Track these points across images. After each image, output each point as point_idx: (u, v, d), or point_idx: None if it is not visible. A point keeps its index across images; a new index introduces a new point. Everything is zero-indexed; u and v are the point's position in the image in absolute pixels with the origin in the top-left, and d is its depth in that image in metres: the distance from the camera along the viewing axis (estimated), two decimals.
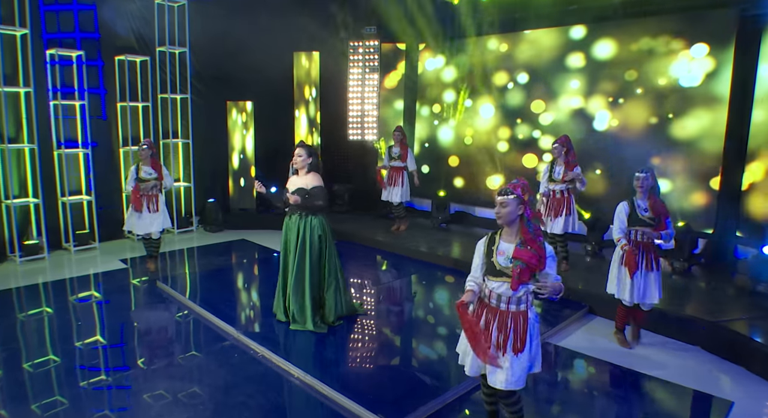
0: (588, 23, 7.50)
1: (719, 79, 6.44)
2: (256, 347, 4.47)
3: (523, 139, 8.40)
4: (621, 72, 7.23)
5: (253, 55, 8.93)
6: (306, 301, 4.70)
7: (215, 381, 3.96)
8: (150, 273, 6.50)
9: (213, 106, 8.87)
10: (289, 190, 4.78)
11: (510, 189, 2.97)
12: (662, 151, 6.96)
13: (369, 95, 9.83)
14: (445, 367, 4.26)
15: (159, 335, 4.89)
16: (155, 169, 6.28)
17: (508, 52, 8.41)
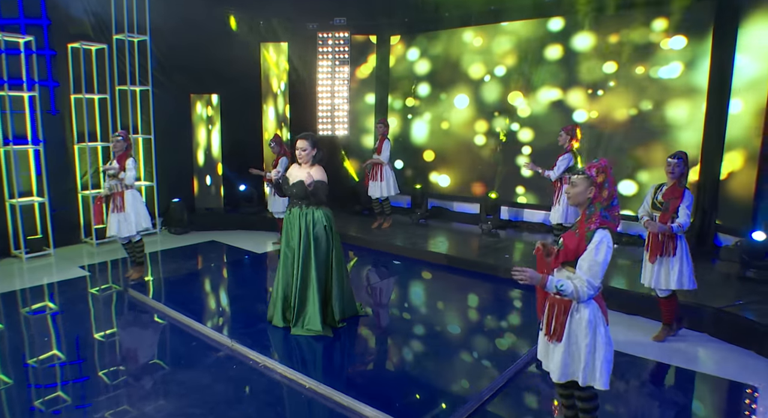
0: (566, 15, 7.51)
1: (697, 71, 6.57)
2: (256, 357, 4.10)
3: (501, 132, 8.32)
4: (600, 64, 7.27)
5: (219, 45, 8.45)
6: (315, 301, 4.36)
7: (215, 397, 3.57)
8: (131, 281, 5.93)
9: (176, 100, 8.29)
10: (288, 180, 4.42)
11: (584, 169, 2.78)
12: (642, 142, 7.04)
13: (339, 89, 9.51)
14: (468, 369, 4.05)
15: (140, 350, 4.41)
16: (120, 164, 5.72)
17: (484, 45, 8.32)
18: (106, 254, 7.13)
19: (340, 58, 9.39)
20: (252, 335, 4.49)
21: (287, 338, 4.38)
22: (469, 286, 6.03)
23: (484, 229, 7.75)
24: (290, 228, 4.45)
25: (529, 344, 4.34)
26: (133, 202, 5.76)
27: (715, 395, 3.82)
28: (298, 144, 4.38)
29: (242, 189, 8.78)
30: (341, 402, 3.48)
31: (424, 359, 4.21)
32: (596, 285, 2.67)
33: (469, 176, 8.71)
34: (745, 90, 6.22)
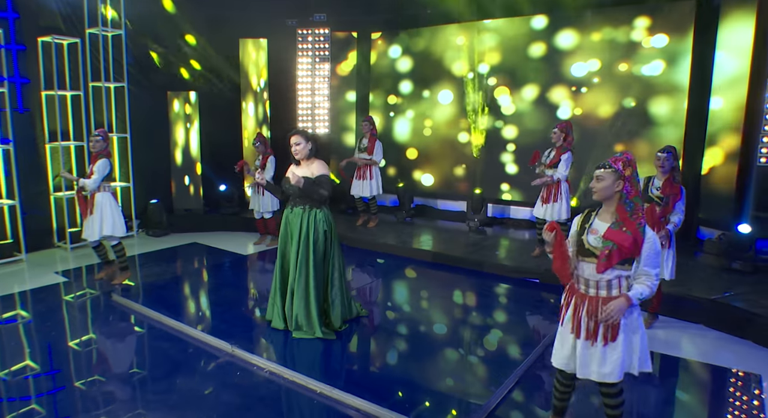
0: (549, 13, 7.57)
1: (679, 68, 6.72)
2: (259, 362, 3.95)
3: (485, 130, 8.35)
4: (583, 61, 7.37)
5: (199, 40, 8.18)
6: (312, 304, 4.24)
7: (223, 407, 3.41)
8: (109, 285, 5.66)
9: (152, 97, 7.98)
10: (290, 179, 4.27)
11: (609, 162, 2.74)
12: (625, 138, 7.17)
13: (320, 86, 9.37)
14: (481, 366, 4.01)
15: (134, 359, 4.19)
16: (92, 163, 5.44)
17: (468, 42, 8.32)
18: (81, 258, 6.80)
19: (320, 55, 9.25)
20: (252, 339, 4.36)
21: (289, 341, 4.25)
22: (466, 283, 6.01)
23: (471, 226, 7.75)
24: (290, 228, 4.31)
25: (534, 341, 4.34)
26: (101, 204, 5.43)
27: (722, 384, 3.88)
28: (292, 140, 4.25)
29: (222, 189, 8.53)
30: (357, 406, 3.38)
31: (432, 360, 4.14)
32: (659, 275, 2.75)
33: (453, 174, 8.71)
34: (725, 87, 6.40)
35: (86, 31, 7.11)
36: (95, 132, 5.46)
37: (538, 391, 3.73)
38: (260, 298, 5.53)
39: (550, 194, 6.03)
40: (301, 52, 9.22)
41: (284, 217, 4.38)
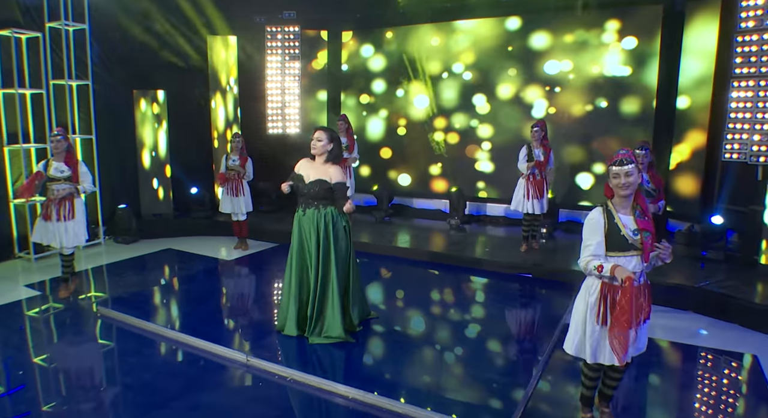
0: (523, 15, 7.78)
1: (648, 70, 7.09)
2: (280, 371, 3.82)
3: (460, 129, 8.47)
4: (556, 62, 7.62)
5: (164, 38, 7.82)
6: (335, 306, 4.15)
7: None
8: (62, 300, 5.30)
9: (117, 96, 7.54)
10: (304, 178, 4.15)
11: (628, 158, 2.86)
12: (598, 137, 7.48)
13: (290, 85, 9.19)
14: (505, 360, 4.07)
15: (147, 376, 3.87)
16: (69, 166, 5.12)
17: (442, 42, 8.40)
18: (48, 269, 6.34)
19: (290, 53, 9.07)
20: (266, 347, 4.21)
21: (305, 347, 4.14)
22: (465, 281, 6.06)
23: (452, 224, 7.84)
24: (305, 230, 4.19)
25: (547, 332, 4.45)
26: (82, 209, 5.19)
27: (722, 366, 4.12)
28: (316, 134, 4.13)
29: (194, 192, 8.19)
30: (393, 409, 3.34)
31: (456, 357, 4.17)
32: None
33: (429, 173, 8.78)
34: (691, 88, 6.81)
35: (46, 25, 6.62)
36: (55, 131, 5.16)
37: (562, 380, 3.83)
38: (257, 304, 5.37)
39: (536, 190, 6.21)
40: (271, 50, 9.01)
41: (296, 221, 4.25)
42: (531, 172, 6.26)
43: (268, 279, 6.32)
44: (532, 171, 6.23)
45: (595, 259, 2.90)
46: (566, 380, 3.86)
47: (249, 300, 5.58)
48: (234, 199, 6.89)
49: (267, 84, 9.07)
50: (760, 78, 5.94)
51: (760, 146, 6.03)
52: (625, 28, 7.14)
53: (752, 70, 6.00)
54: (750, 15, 5.95)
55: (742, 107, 6.13)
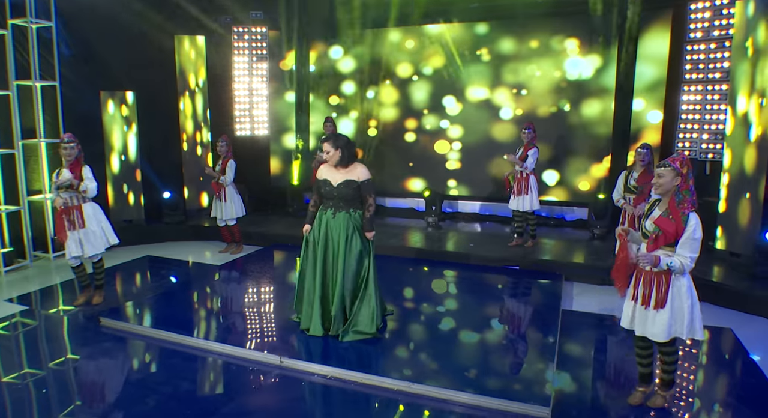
0: (490, 21, 8.18)
1: (606, 74, 7.69)
2: (318, 370, 3.89)
3: (431, 129, 8.77)
4: (523, 66, 8.10)
5: (131, 37, 7.54)
6: (370, 303, 4.28)
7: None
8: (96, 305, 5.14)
9: (83, 97, 7.18)
10: (331, 182, 4.24)
11: (668, 162, 3.20)
12: (562, 136, 8.03)
13: (258, 86, 9.12)
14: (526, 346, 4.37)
15: (184, 385, 3.80)
16: (74, 173, 4.92)
17: (412, 45, 8.65)
18: (22, 282, 6.00)
19: (257, 54, 9.01)
20: (295, 348, 4.26)
21: (336, 344, 4.23)
22: (458, 275, 6.35)
23: (430, 222, 8.11)
24: (332, 232, 4.28)
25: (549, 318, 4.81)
26: (94, 215, 5.01)
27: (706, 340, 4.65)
28: (323, 147, 4.26)
29: (167, 197, 7.94)
30: (438, 396, 3.54)
31: (477, 344, 4.43)
32: (696, 258, 3.18)
33: (401, 173, 9.01)
34: (645, 91, 7.47)
35: (8, 22, 6.21)
36: (65, 138, 4.91)
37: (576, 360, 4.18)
38: (272, 306, 5.39)
39: (521, 187, 6.58)
40: (238, 50, 8.90)
41: (323, 222, 4.32)
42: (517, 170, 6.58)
43: (271, 281, 6.30)
44: (519, 169, 6.55)
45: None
46: (580, 361, 4.22)
47: (261, 303, 5.55)
48: (219, 203, 6.79)
49: (234, 85, 8.95)
50: (707, 83, 6.66)
51: (708, 144, 6.77)
52: (585, 35, 7.70)
53: (701, 76, 6.72)
54: (698, 26, 6.66)
55: (692, 109, 6.85)
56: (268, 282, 6.23)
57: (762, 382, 3.86)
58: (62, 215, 4.87)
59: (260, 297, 5.75)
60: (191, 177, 8.49)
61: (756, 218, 5.75)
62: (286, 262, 7.06)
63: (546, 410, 3.35)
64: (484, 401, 3.47)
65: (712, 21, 6.54)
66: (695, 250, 3.17)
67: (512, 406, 3.41)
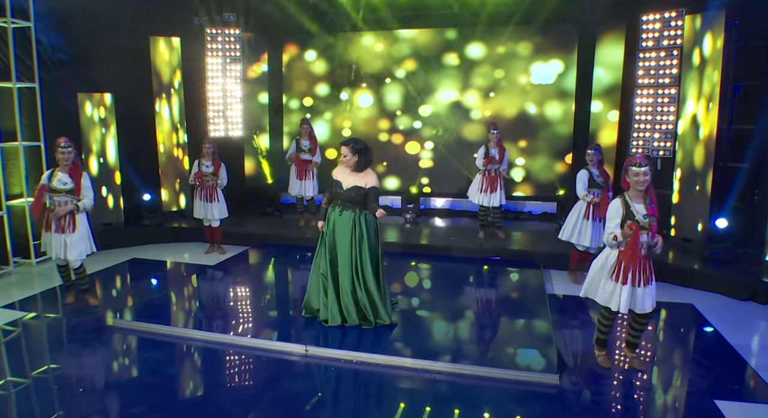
0: (459, 27, 8.66)
1: (567, 79, 8.36)
2: (343, 356, 4.17)
3: (404, 130, 9.16)
4: (491, 70, 8.63)
5: (106, 37, 7.46)
6: (385, 294, 4.61)
7: (367, 403, 3.68)
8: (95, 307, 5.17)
9: (60, 99, 7.05)
10: (342, 184, 4.52)
11: (645, 162, 3.73)
12: (528, 135, 8.63)
13: (232, 88, 9.16)
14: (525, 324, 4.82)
15: (219, 378, 3.99)
16: (73, 178, 4.94)
17: (384, 49, 8.99)
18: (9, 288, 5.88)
19: (231, 55, 9.05)
20: (317, 336, 4.49)
21: (354, 332, 4.51)
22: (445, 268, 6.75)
23: (408, 219, 8.50)
24: (338, 229, 4.54)
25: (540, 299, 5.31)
26: (83, 221, 5.04)
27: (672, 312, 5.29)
28: (342, 150, 4.53)
29: (147, 199, 7.90)
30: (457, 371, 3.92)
31: (480, 326, 4.88)
32: None
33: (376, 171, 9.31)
34: (603, 94, 8.19)
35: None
36: (62, 142, 4.90)
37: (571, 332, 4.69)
38: (281, 301, 5.60)
39: (493, 184, 7.08)
40: (211, 52, 8.91)
41: (331, 220, 4.59)
42: (488, 168, 7.09)
43: (272, 278, 6.52)
44: (491, 167, 7.06)
45: (611, 233, 3.76)
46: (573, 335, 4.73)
47: (271, 298, 5.74)
48: (207, 204, 6.88)
49: (208, 86, 8.96)
50: (658, 87, 7.39)
51: (659, 142, 7.52)
52: (548, 43, 8.34)
53: (652, 81, 7.45)
54: (650, 36, 7.38)
55: (645, 111, 7.58)
56: (269, 279, 6.46)
57: (721, 342, 4.56)
58: (50, 213, 4.85)
59: (267, 293, 5.94)
60: (168, 179, 8.46)
61: (705, 208, 6.52)
62: (277, 260, 7.24)
63: (554, 376, 3.81)
64: (499, 373, 3.89)
65: (662, 32, 7.27)
66: None
67: (525, 375, 3.85)
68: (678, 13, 6.88)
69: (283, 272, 6.87)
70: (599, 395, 3.76)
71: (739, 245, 6.34)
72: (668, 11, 6.95)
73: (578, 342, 4.61)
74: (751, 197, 6.45)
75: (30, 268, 6.61)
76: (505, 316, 5.25)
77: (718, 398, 3.61)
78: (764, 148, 6.01)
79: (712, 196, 6.49)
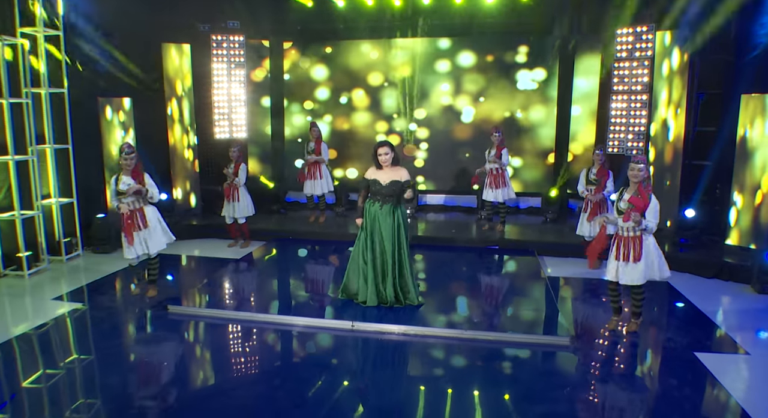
0: (452, 37, 9.40)
1: (550, 85, 9.21)
2: (384, 329, 4.83)
3: (400, 131, 9.84)
4: (480, 77, 9.41)
5: (124, 45, 7.87)
6: (411, 278, 5.27)
7: (428, 367, 4.34)
8: (151, 298, 5.65)
9: (83, 104, 7.41)
10: (380, 182, 5.15)
11: (641, 159, 4.52)
12: (514, 137, 9.44)
13: (236, 92, 9.64)
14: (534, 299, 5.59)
15: (288, 355, 4.63)
16: (135, 179, 5.39)
17: (381, 56, 9.65)
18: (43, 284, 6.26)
19: (235, 61, 9.53)
20: (357, 314, 5.11)
21: (389, 311, 5.16)
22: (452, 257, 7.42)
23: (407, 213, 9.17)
24: (381, 221, 5.19)
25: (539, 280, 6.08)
26: (154, 215, 5.52)
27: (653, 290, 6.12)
28: (381, 150, 5.16)
29: (164, 198, 8.31)
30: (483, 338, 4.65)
31: (496, 302, 5.63)
32: (657, 223, 4.57)
33: None
34: (581, 99, 9.08)
35: (18, 31, 6.40)
36: (125, 149, 5.34)
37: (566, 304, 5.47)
38: (319, 287, 6.25)
39: (497, 181, 7.83)
40: (217, 58, 9.37)
41: (372, 213, 5.22)
42: (493, 167, 7.81)
43: (297, 268, 7.20)
44: (495, 166, 7.78)
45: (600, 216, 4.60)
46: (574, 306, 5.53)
47: (303, 284, 6.41)
48: (231, 203, 7.40)
49: (214, 90, 9.41)
50: (631, 94, 8.30)
51: (632, 143, 8.44)
52: (533, 52, 9.17)
53: (625, 88, 8.36)
54: (623, 48, 8.28)
55: (620, 114, 8.48)
56: (296, 268, 7.15)
57: (694, 310, 5.49)
58: (128, 219, 5.31)
59: (299, 280, 6.57)
60: (180, 179, 8.89)
61: (675, 200, 7.44)
62: (298, 252, 7.83)
63: (566, 339, 4.57)
64: (519, 338, 4.65)
65: (634, 44, 8.19)
66: (657, 217, 4.57)
67: (542, 339, 4.61)
68: (649, 28, 7.79)
69: (306, 261, 7.52)
70: (602, 351, 4.56)
71: (704, 232, 7.28)
72: (640, 26, 7.85)
73: (579, 313, 5.40)
74: (714, 191, 7.40)
75: (60, 265, 6.97)
76: (515, 294, 6.03)
77: (696, 351, 4.46)
78: (725, 148, 6.95)
79: (680, 190, 7.42)
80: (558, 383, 4.02)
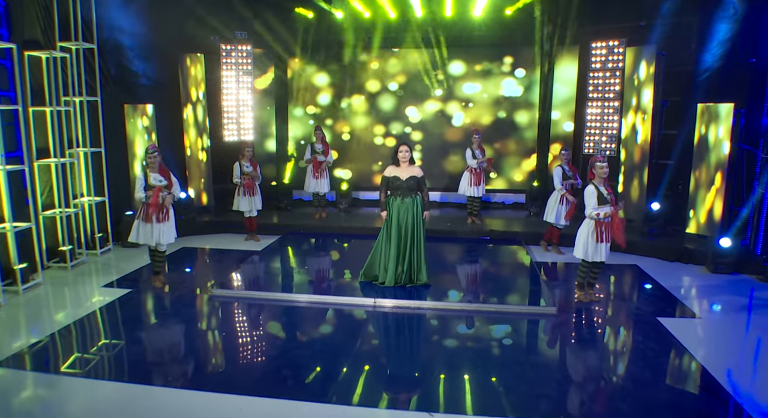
0: (443, 48, 10.29)
1: (533, 92, 10.18)
2: (404, 304, 5.69)
3: (396, 134, 10.70)
4: (470, 84, 10.32)
5: (148, 54, 8.56)
6: (424, 261, 6.12)
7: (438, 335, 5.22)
8: (158, 289, 6.33)
9: (110, 110, 8.07)
10: (400, 178, 5.98)
11: (606, 159, 5.47)
12: (501, 139, 10.40)
13: (244, 97, 10.36)
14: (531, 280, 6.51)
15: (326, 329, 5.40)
16: (164, 176, 6.12)
17: (379, 65, 10.49)
18: (91, 274, 6.94)
19: (243, 69, 10.24)
20: (377, 292, 5.95)
21: (404, 290, 6.02)
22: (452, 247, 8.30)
23: None
24: (402, 212, 6.02)
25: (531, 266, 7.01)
26: (172, 212, 6.22)
27: (623, 272, 7.14)
28: (402, 148, 5.99)
29: (183, 197, 9.02)
30: (485, 309, 5.55)
31: (495, 285, 6.56)
32: None
33: (372, 170, 10.83)
34: (561, 104, 10.07)
35: (57, 45, 7.05)
36: (150, 149, 6.03)
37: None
38: (341, 270, 7.09)
39: (479, 180, 8.76)
40: (226, 66, 10.07)
41: (395, 206, 6.04)
42: (477, 166, 8.75)
43: (315, 256, 8.09)
44: (479, 165, 8.73)
45: (595, 211, 5.48)
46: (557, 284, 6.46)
47: (324, 270, 7.27)
48: (250, 198, 8.15)
49: (223, 96, 10.12)
50: (604, 100, 9.31)
51: (606, 144, 9.46)
52: (517, 61, 10.13)
53: (599, 95, 9.38)
54: (597, 59, 9.29)
55: (595, 119, 9.49)
56: (313, 257, 7.98)
57: (659, 287, 6.46)
58: (155, 206, 5.94)
59: (319, 266, 7.38)
60: (194, 179, 9.60)
61: (642, 195, 8.47)
62: (311, 244, 8.63)
63: (553, 308, 5.51)
64: (514, 308, 5.59)
65: (607, 56, 9.20)
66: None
67: (532, 309, 5.57)
68: (620, 42, 8.80)
69: (321, 251, 8.34)
70: (581, 317, 5.52)
71: (668, 223, 8.31)
72: (612, 40, 8.86)
73: (563, 289, 6.34)
74: (676, 187, 8.45)
75: (96, 258, 7.63)
76: (509, 276, 6.97)
77: (659, 316, 5.45)
78: (685, 149, 8.00)
79: (647, 186, 8.45)
80: (549, 340, 4.98)
